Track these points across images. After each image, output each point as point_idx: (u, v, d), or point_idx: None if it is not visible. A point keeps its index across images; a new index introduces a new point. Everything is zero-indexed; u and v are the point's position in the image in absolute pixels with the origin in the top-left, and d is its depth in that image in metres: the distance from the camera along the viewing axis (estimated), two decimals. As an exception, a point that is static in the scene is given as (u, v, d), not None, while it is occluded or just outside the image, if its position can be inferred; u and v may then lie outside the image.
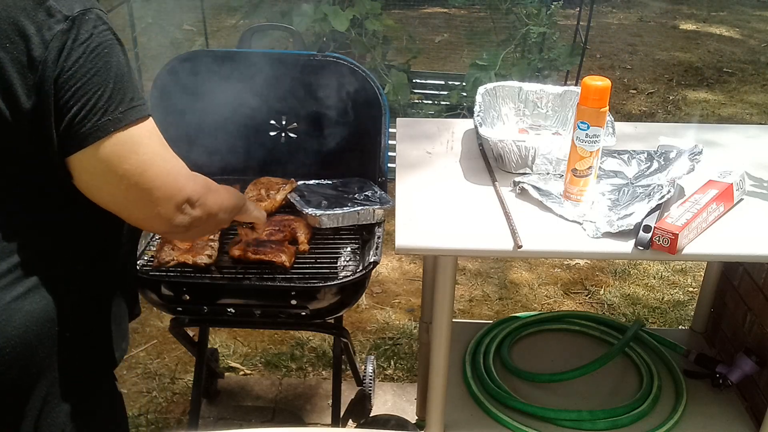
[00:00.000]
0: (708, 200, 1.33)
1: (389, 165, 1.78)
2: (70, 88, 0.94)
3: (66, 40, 0.94)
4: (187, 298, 1.53)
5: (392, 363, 2.53)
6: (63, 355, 1.04)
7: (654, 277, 3.12)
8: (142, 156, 0.99)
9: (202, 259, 1.60)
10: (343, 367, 1.98)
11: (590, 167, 1.36)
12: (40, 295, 0.99)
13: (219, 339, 2.62)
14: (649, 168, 1.51)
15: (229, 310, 1.58)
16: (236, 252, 1.63)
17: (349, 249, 1.71)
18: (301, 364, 2.53)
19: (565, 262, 3.19)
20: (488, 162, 1.59)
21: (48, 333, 1.01)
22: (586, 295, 2.99)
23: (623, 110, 4.96)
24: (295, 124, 1.90)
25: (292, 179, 1.88)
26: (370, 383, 2.22)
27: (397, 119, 1.81)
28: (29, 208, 1.01)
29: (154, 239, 1.71)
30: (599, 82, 1.31)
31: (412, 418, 2.19)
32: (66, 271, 1.04)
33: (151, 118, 1.01)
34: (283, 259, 1.60)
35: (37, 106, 0.94)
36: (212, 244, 1.64)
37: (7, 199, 0.99)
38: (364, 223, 1.75)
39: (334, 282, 1.54)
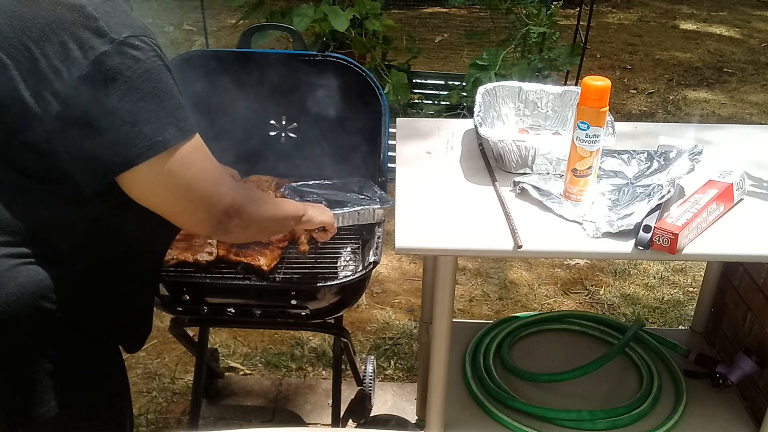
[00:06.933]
0: (708, 200, 1.33)
1: (389, 165, 1.78)
2: (118, 110, 0.98)
3: (111, 63, 0.98)
4: (187, 298, 1.53)
5: (392, 363, 2.53)
6: (53, 331, 1.07)
7: (654, 277, 3.11)
8: (189, 171, 1.06)
9: (203, 257, 1.59)
10: (343, 367, 1.97)
11: (590, 167, 1.36)
12: (36, 270, 1.03)
13: (219, 339, 2.62)
14: (649, 168, 1.51)
15: (229, 310, 1.58)
16: (221, 252, 1.62)
17: (349, 249, 1.71)
18: (301, 364, 2.53)
19: (565, 262, 3.19)
20: (488, 162, 1.59)
21: (38, 306, 1.04)
22: (586, 295, 2.99)
23: (623, 110, 4.95)
24: (295, 124, 1.90)
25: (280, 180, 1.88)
26: (370, 383, 2.22)
27: (397, 119, 1.81)
28: (50, 197, 1.06)
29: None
30: (599, 82, 1.31)
31: (412, 418, 2.19)
32: (67, 254, 1.08)
33: (197, 135, 1.07)
34: (261, 262, 1.57)
35: (65, 114, 0.98)
36: (212, 242, 1.64)
37: (31, 187, 1.04)
38: (364, 223, 1.74)
39: (334, 282, 1.54)
